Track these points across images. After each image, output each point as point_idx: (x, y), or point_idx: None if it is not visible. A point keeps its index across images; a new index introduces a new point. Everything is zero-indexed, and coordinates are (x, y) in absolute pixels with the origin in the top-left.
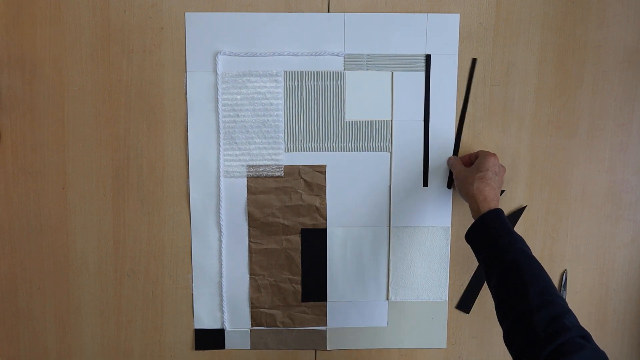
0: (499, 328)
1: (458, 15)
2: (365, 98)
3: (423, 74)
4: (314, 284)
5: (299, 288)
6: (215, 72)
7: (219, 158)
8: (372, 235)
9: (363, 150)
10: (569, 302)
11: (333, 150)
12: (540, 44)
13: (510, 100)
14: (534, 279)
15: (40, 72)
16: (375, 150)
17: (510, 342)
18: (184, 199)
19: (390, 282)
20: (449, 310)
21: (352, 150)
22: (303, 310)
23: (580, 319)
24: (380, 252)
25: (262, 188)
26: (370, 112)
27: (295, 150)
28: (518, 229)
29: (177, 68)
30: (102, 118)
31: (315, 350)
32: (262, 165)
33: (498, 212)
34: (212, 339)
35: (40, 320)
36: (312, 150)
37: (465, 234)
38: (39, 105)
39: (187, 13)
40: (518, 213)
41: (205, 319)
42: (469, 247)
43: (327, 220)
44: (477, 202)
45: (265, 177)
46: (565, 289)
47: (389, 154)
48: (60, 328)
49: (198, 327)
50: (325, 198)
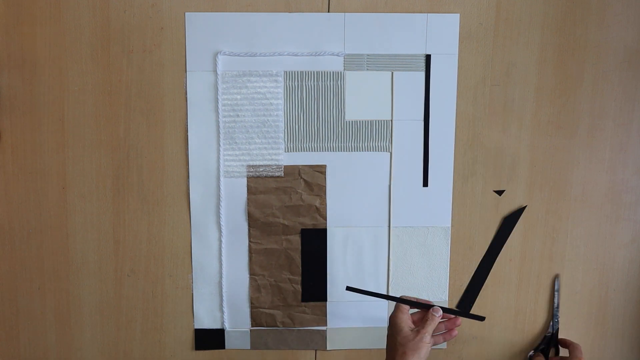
0: (499, 328)
1: (458, 15)
2: (365, 98)
3: (423, 74)
4: (314, 284)
5: (299, 288)
6: (215, 72)
7: (219, 158)
8: (372, 235)
9: (363, 150)
10: (569, 302)
11: (333, 150)
12: (540, 44)
13: (510, 100)
14: None
15: (40, 72)
16: (375, 150)
17: None
18: (184, 199)
19: (390, 282)
20: None
21: (352, 150)
22: (303, 310)
23: (580, 319)
24: (380, 252)
25: (262, 188)
26: (370, 112)
27: (295, 150)
28: (518, 229)
29: (177, 68)
30: (102, 118)
31: (315, 350)
32: (262, 165)
33: None
34: (212, 339)
35: (40, 320)
36: (312, 150)
37: None
38: (39, 105)
39: (187, 13)
40: (518, 213)
41: (205, 319)
42: (469, 247)
43: (327, 220)
44: None
45: (265, 177)
46: (559, 292)
47: (389, 154)
48: (60, 328)
49: (198, 327)
50: (325, 198)
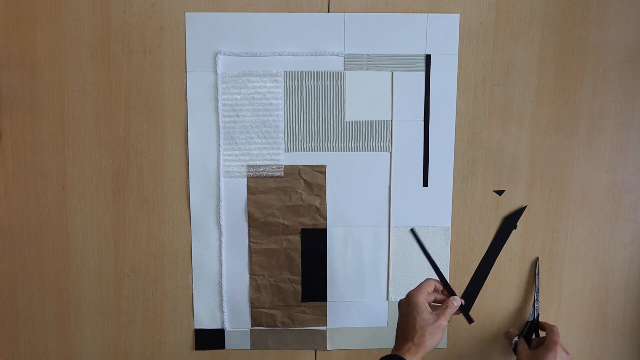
0: (499, 328)
1: (458, 15)
2: (365, 98)
3: (423, 74)
4: (314, 284)
5: (299, 288)
6: (215, 72)
7: (219, 158)
8: (372, 235)
9: (363, 150)
10: (569, 302)
11: (333, 150)
12: (540, 44)
13: (510, 100)
14: None
15: (40, 72)
16: (375, 150)
17: None
18: (184, 199)
19: (390, 282)
20: None
21: (352, 150)
22: (303, 310)
23: (580, 319)
24: (380, 252)
25: (262, 188)
26: (370, 112)
27: (295, 150)
28: (518, 229)
29: (177, 68)
30: (102, 118)
31: (315, 350)
32: (262, 165)
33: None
34: (212, 339)
35: (40, 320)
36: (312, 150)
37: None
38: (39, 105)
39: (187, 13)
40: (518, 213)
41: (205, 319)
42: (469, 247)
43: (327, 220)
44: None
45: (265, 177)
46: (539, 276)
47: (389, 154)
48: (60, 328)
49: (198, 327)
50: (325, 198)
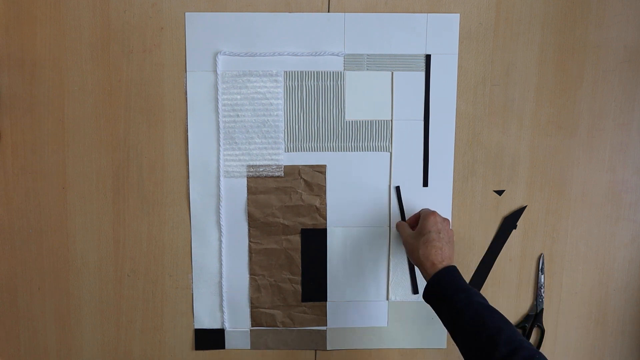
0: None
1: (458, 15)
2: (365, 98)
3: (423, 74)
4: (314, 284)
5: (299, 288)
6: (215, 72)
7: (219, 158)
8: (372, 235)
9: (363, 150)
10: (569, 302)
11: (333, 150)
12: (540, 44)
13: (510, 100)
14: (499, 330)
15: (40, 72)
16: (375, 150)
17: None
18: (184, 199)
19: (390, 282)
20: None
21: (352, 150)
22: (303, 310)
23: (581, 319)
24: (380, 252)
25: (262, 188)
26: (370, 112)
27: (295, 150)
28: (518, 229)
29: (177, 68)
30: (102, 118)
31: (315, 350)
32: (262, 165)
33: (450, 269)
34: (212, 339)
35: (40, 320)
36: (312, 150)
37: (423, 295)
38: (39, 105)
39: (187, 13)
40: (518, 213)
41: (205, 319)
42: (469, 247)
43: (327, 220)
44: (425, 268)
45: (265, 177)
46: (543, 273)
47: (389, 154)
48: (60, 328)
49: (198, 327)
50: (325, 198)
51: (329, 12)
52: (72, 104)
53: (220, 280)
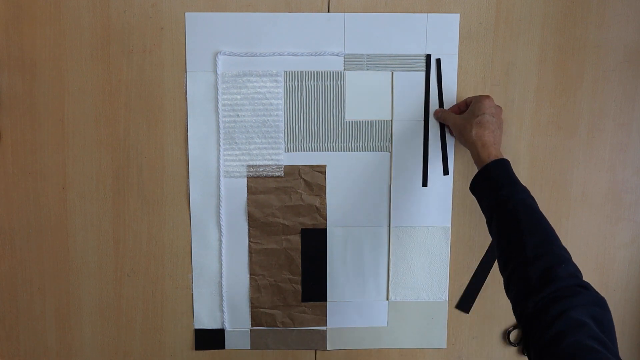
0: (499, 328)
1: (458, 15)
2: (365, 98)
3: (423, 74)
4: (314, 284)
5: (299, 288)
6: (215, 72)
7: (219, 158)
8: (372, 235)
9: (363, 150)
10: None
11: (333, 150)
12: (540, 44)
13: (510, 100)
14: (533, 231)
15: (40, 72)
16: (375, 150)
17: (509, 291)
18: (184, 199)
19: (390, 282)
20: (449, 310)
21: (352, 150)
22: (303, 310)
23: None
24: (380, 252)
25: (262, 188)
26: (370, 112)
27: (295, 150)
28: None
29: (177, 68)
30: (102, 118)
31: (315, 350)
32: (262, 165)
33: (503, 162)
34: (212, 339)
35: (40, 320)
36: (312, 150)
37: (470, 185)
38: (39, 105)
39: (187, 13)
40: None
41: (205, 319)
42: (469, 247)
43: (327, 220)
44: (477, 148)
45: (265, 177)
46: None
47: (389, 154)
48: (60, 328)
49: (198, 327)
50: (325, 198)
51: (329, 12)
52: (72, 104)
53: (220, 280)
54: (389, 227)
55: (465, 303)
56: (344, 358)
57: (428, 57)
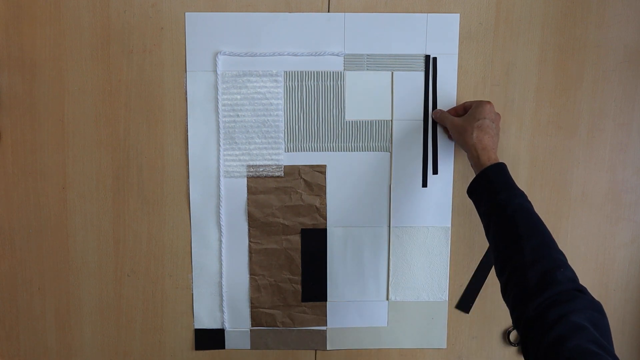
0: (499, 328)
1: (458, 15)
2: (365, 98)
3: (423, 74)
4: (314, 284)
5: (299, 288)
6: (215, 72)
7: (219, 158)
8: (372, 235)
9: (363, 150)
10: None
11: (333, 150)
12: (540, 44)
13: (510, 100)
14: (530, 234)
15: (40, 72)
16: (375, 150)
17: (506, 296)
18: (184, 199)
19: (390, 282)
20: (449, 310)
21: (352, 150)
22: (303, 310)
23: None
24: (380, 252)
25: (262, 188)
26: (370, 112)
27: (295, 150)
28: None
29: (177, 68)
30: (102, 118)
31: (315, 350)
32: (262, 165)
33: (501, 166)
34: (212, 339)
35: (40, 320)
36: (312, 150)
37: (468, 188)
38: (39, 105)
39: (187, 13)
40: None
41: (205, 319)
42: (469, 247)
43: (327, 220)
44: (477, 151)
45: (265, 177)
46: None
47: (389, 154)
48: (60, 328)
49: (198, 327)
50: (325, 198)
51: (329, 12)
52: (72, 104)
53: (220, 280)
54: (389, 227)
55: (465, 303)
56: (344, 358)
57: (428, 57)
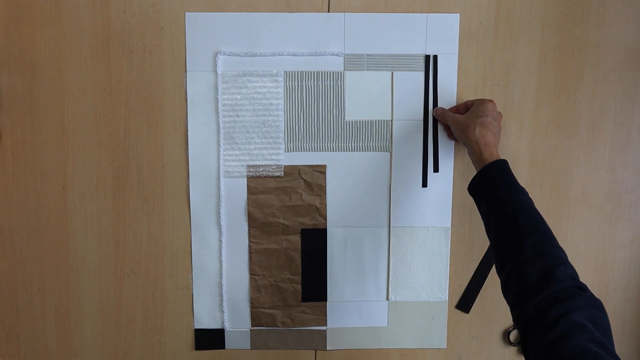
0: (499, 328)
1: (458, 15)
2: (365, 98)
3: (423, 74)
4: (314, 284)
5: (299, 288)
6: (215, 72)
7: (219, 158)
8: (372, 235)
9: (363, 150)
10: None
11: (333, 150)
12: (540, 44)
13: (510, 100)
14: (531, 231)
15: (40, 72)
16: (375, 150)
17: (506, 293)
18: (184, 199)
19: (390, 282)
20: (449, 310)
21: (352, 150)
22: (303, 310)
23: None
24: (380, 252)
25: (262, 188)
26: (370, 112)
27: (295, 150)
28: None
29: (177, 68)
30: (102, 118)
31: (315, 350)
32: (262, 165)
33: (503, 163)
34: (212, 339)
35: (40, 320)
36: (312, 150)
37: (469, 185)
38: (39, 105)
39: (187, 13)
40: None
41: (205, 319)
42: (469, 247)
43: (327, 220)
44: (479, 147)
45: (265, 177)
46: None
47: (389, 154)
48: (60, 328)
49: (198, 327)
50: (325, 198)
51: (329, 12)
52: (72, 104)
53: (220, 280)
54: (389, 227)
55: (465, 303)
56: (344, 358)
57: (428, 57)
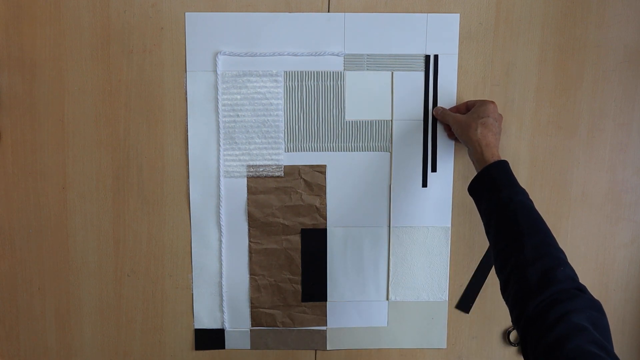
0: (499, 328)
1: (458, 15)
2: (365, 98)
3: (423, 74)
4: (314, 284)
5: (299, 288)
6: (215, 72)
7: (219, 158)
8: (372, 235)
9: (363, 150)
10: None
11: (333, 150)
12: (540, 44)
13: (510, 100)
14: (531, 232)
15: (40, 72)
16: (375, 150)
17: (506, 293)
18: (184, 199)
19: (390, 282)
20: (449, 310)
21: (352, 150)
22: (303, 310)
23: None
24: (380, 252)
25: (262, 188)
26: (370, 112)
27: (295, 150)
28: None
29: (177, 68)
30: (102, 118)
31: (315, 350)
32: (262, 165)
33: (503, 163)
34: (212, 339)
35: (40, 320)
36: (312, 150)
37: (469, 185)
38: (39, 105)
39: (187, 13)
40: None
41: (205, 319)
42: (469, 247)
43: (327, 220)
44: (480, 147)
45: (265, 177)
46: None
47: (389, 154)
48: (60, 328)
49: (198, 327)
50: (325, 198)
51: (329, 12)
52: (72, 104)
53: (220, 280)
54: (389, 227)
55: (465, 303)
56: (344, 358)
57: (428, 57)
